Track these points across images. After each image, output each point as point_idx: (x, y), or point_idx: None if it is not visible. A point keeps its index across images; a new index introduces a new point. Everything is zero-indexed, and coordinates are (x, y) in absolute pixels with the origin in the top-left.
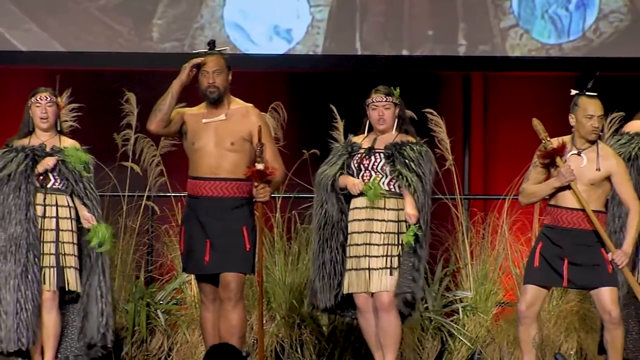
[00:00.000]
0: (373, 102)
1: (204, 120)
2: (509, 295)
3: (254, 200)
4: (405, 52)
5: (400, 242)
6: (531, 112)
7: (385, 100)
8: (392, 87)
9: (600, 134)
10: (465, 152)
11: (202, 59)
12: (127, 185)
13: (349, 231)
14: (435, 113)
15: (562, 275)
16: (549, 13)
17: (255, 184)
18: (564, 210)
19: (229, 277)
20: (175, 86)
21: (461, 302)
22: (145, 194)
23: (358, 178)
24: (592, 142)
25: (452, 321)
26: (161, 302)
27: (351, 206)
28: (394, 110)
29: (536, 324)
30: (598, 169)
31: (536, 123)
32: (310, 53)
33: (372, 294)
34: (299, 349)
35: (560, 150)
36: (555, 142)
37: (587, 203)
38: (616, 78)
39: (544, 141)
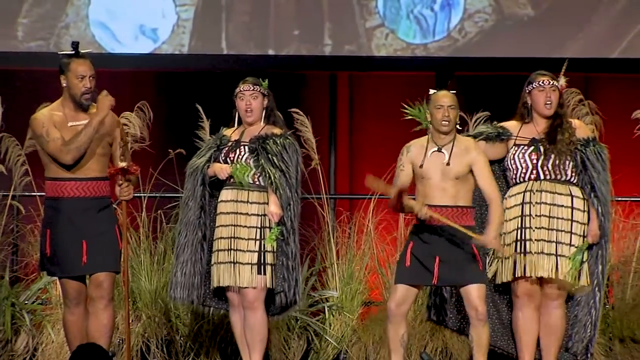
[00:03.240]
0: (241, 91)
1: (70, 124)
2: (374, 294)
3: (118, 199)
4: (271, 52)
5: (263, 237)
6: (397, 112)
7: (253, 90)
8: (260, 79)
9: (460, 128)
10: (331, 152)
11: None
12: None
13: (217, 224)
14: (301, 112)
15: (432, 273)
16: (414, 13)
17: (120, 182)
18: (432, 208)
19: (102, 277)
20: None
21: (327, 301)
22: (10, 194)
23: None
24: (447, 135)
25: (318, 321)
26: (26, 302)
27: (219, 199)
28: (261, 100)
29: (405, 323)
30: (448, 164)
31: (371, 181)
32: (176, 52)
33: (239, 289)
34: (164, 349)
35: (402, 195)
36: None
37: (453, 222)
38: (481, 78)
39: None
